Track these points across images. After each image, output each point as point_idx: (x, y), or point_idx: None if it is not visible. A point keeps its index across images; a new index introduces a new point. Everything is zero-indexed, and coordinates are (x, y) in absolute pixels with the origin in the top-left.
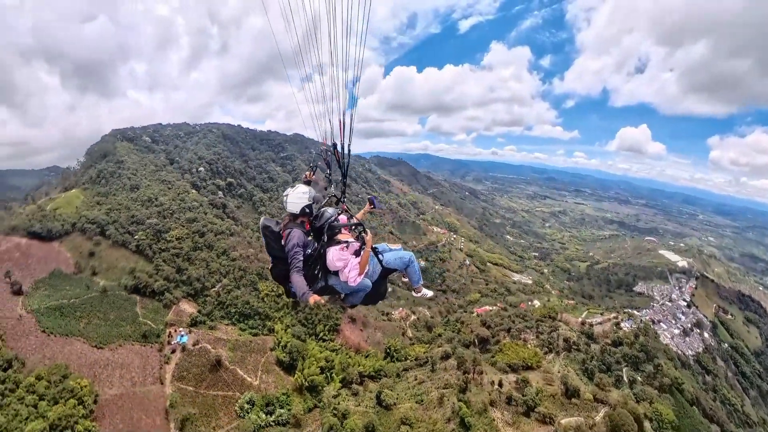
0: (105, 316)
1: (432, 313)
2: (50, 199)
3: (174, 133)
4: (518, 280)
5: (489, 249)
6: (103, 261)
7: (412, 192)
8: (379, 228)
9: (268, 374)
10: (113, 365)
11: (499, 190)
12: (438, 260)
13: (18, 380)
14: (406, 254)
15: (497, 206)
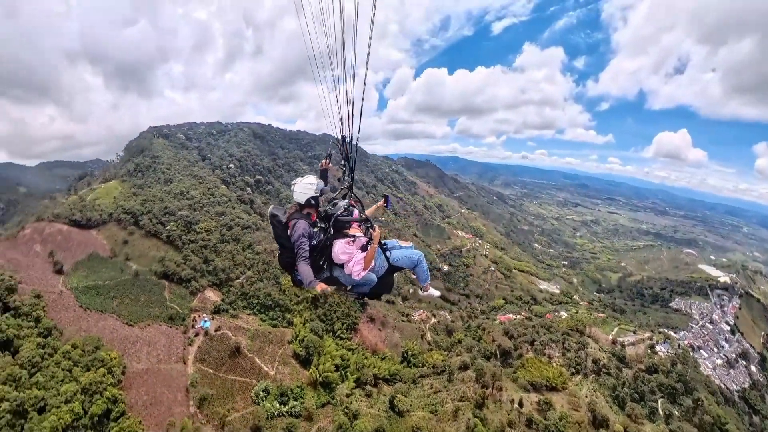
0: (136, 298)
1: (453, 317)
2: (91, 189)
3: (207, 131)
4: (545, 288)
5: (515, 256)
6: (135, 249)
7: (439, 195)
8: (403, 229)
9: (284, 365)
10: (141, 342)
11: (528, 196)
12: (462, 265)
13: (56, 347)
14: (415, 254)
15: (525, 212)
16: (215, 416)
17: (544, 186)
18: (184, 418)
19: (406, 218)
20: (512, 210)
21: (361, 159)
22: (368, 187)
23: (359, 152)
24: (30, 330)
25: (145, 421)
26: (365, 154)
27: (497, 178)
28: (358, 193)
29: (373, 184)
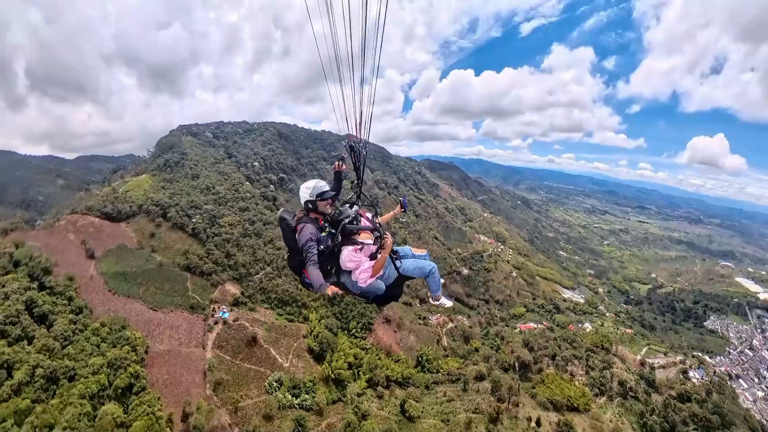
0: (160, 286)
1: (471, 322)
2: (124, 182)
3: (234, 130)
4: (569, 297)
5: (539, 263)
6: (162, 241)
7: (461, 197)
8: (423, 231)
9: (298, 359)
10: (164, 325)
11: (554, 201)
12: (482, 269)
13: (86, 324)
14: (428, 265)
15: (551, 218)
16: (229, 401)
17: (570, 191)
18: (200, 399)
19: (428, 220)
20: (537, 216)
21: (383, 160)
22: (390, 187)
23: (382, 153)
24: (63, 307)
25: (163, 397)
26: (388, 155)
27: (522, 182)
28: (379, 194)
29: (395, 185)
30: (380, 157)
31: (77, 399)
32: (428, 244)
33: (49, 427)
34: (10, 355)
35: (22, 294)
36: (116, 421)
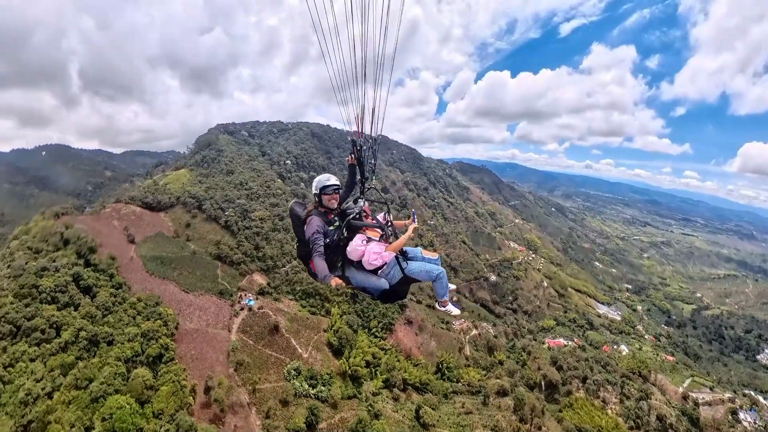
0: (192, 272)
1: (497, 332)
2: (164, 175)
3: (268, 130)
4: (604, 313)
5: (572, 274)
6: (196, 231)
7: (492, 202)
8: (451, 236)
9: (317, 351)
10: (194, 306)
11: (591, 210)
12: (511, 277)
13: (125, 297)
14: (436, 269)
15: (587, 228)
16: (248, 381)
17: (609, 200)
18: (222, 376)
19: (456, 224)
20: (572, 224)
21: (415, 161)
22: (420, 189)
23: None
24: (105, 282)
25: (189, 370)
26: (419, 157)
27: (557, 189)
28: (408, 195)
29: (425, 187)
30: (411, 159)
31: (114, 360)
32: (455, 249)
33: (89, 380)
34: (59, 318)
35: (70, 268)
36: (146, 384)
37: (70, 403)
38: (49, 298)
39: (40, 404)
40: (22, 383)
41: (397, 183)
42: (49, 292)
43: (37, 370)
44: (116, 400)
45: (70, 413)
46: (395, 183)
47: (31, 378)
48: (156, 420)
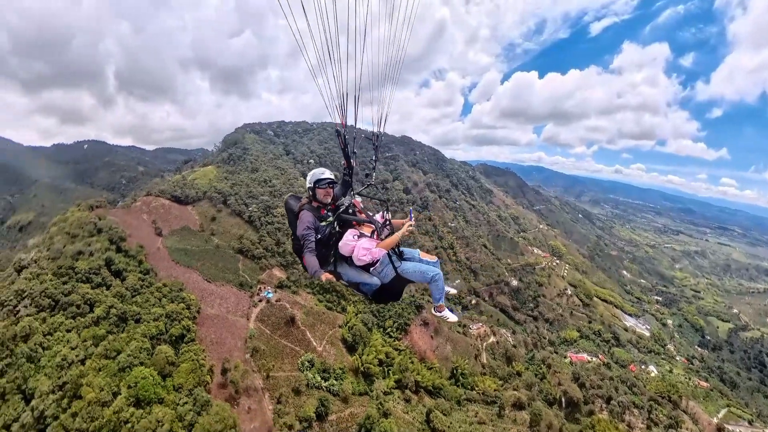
0: (215, 263)
1: (516, 340)
2: (192, 171)
3: (293, 129)
4: (631, 326)
5: (598, 282)
6: (221, 225)
7: (516, 206)
8: (472, 239)
9: (331, 346)
10: (215, 295)
11: (620, 218)
12: (534, 282)
13: (151, 282)
14: (431, 270)
15: (615, 236)
16: (263, 367)
17: (639, 207)
18: (238, 360)
19: (477, 227)
20: (599, 232)
21: (437, 163)
22: (441, 191)
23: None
24: (134, 267)
25: (208, 351)
26: (443, 159)
27: (585, 194)
28: (430, 196)
29: (447, 189)
30: (434, 160)
31: (140, 336)
32: (476, 252)
33: (117, 352)
34: (93, 295)
35: (103, 253)
36: (168, 360)
37: (100, 370)
38: (83, 278)
39: (74, 369)
40: (59, 350)
41: (419, 184)
42: (83, 273)
43: (72, 339)
44: (141, 371)
45: (100, 379)
46: (417, 184)
47: (67, 346)
48: (175, 393)
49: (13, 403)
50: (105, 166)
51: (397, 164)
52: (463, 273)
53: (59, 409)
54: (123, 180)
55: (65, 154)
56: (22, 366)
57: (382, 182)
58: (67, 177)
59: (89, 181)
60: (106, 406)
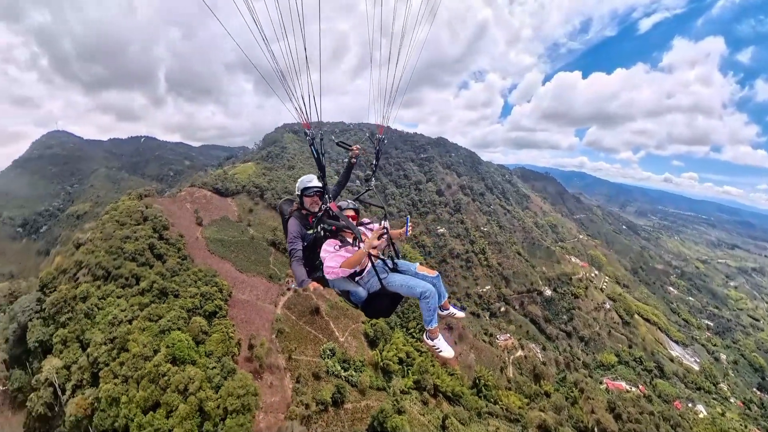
0: (248, 255)
1: (546, 357)
2: (233, 166)
3: (331, 130)
4: (677, 356)
5: (641, 298)
6: (257, 218)
7: (554, 213)
8: (505, 245)
9: (353, 338)
10: (246, 284)
11: (669, 229)
12: (569, 293)
13: (188, 266)
14: (420, 286)
15: (661, 248)
16: (285, 348)
17: (690, 219)
18: (264, 338)
19: (512, 233)
20: (644, 243)
21: (473, 165)
22: (475, 194)
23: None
24: (173, 253)
25: (236, 327)
26: (478, 161)
27: (630, 204)
28: (463, 199)
29: (482, 192)
30: (469, 163)
31: (178, 308)
32: (509, 258)
33: (159, 317)
34: (138, 272)
35: (147, 239)
36: (201, 329)
37: (144, 330)
38: (130, 258)
39: (122, 327)
40: (110, 311)
41: (452, 186)
42: (130, 254)
43: (121, 304)
44: (178, 335)
45: (143, 337)
46: (450, 186)
47: (117, 308)
48: (206, 358)
49: (72, 349)
50: (155, 159)
51: (432, 166)
52: (494, 279)
53: (109, 357)
54: (171, 172)
55: (120, 148)
56: (80, 321)
57: (415, 183)
58: (121, 168)
59: (141, 173)
60: (148, 360)
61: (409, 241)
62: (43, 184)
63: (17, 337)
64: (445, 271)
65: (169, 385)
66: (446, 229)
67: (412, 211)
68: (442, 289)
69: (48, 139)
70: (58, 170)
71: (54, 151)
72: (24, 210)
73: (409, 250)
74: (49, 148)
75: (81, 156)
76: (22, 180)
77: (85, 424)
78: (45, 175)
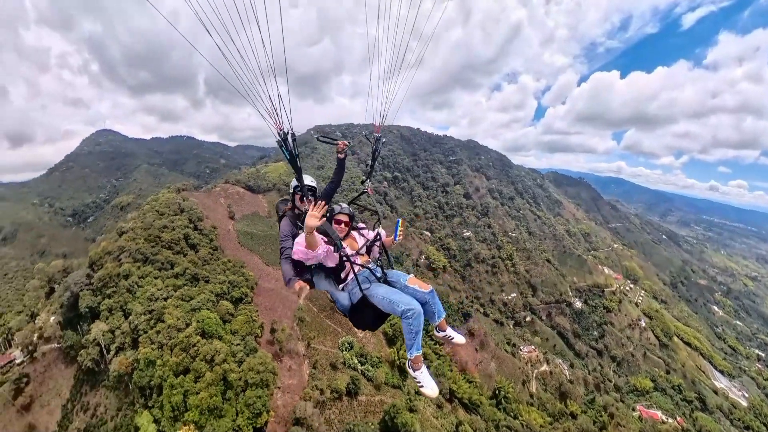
0: (275, 249)
1: (573, 375)
2: (266, 165)
3: (360, 131)
4: (722, 388)
5: (681, 317)
6: None
7: (588, 221)
8: (534, 252)
9: (372, 335)
10: (272, 276)
11: (714, 241)
12: (601, 307)
13: (219, 256)
14: (404, 303)
15: (705, 261)
16: (305, 336)
17: (739, 231)
18: (284, 324)
19: (542, 240)
20: (686, 256)
21: (503, 168)
22: (504, 198)
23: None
24: (206, 243)
25: (260, 313)
26: (509, 164)
27: (671, 213)
28: (491, 203)
29: (511, 197)
30: (500, 166)
31: (208, 291)
32: (537, 266)
33: (190, 297)
34: (173, 258)
35: (183, 229)
36: (228, 311)
37: (177, 306)
38: (167, 246)
39: (159, 302)
40: (149, 288)
41: (480, 189)
42: (167, 242)
43: (158, 284)
44: (207, 314)
45: (177, 312)
46: (479, 189)
47: (154, 287)
48: (231, 336)
49: (116, 317)
50: (193, 157)
51: (460, 168)
52: (521, 286)
53: (148, 326)
54: (207, 170)
55: (161, 146)
56: (123, 294)
57: (442, 185)
58: (162, 165)
59: (179, 169)
60: (180, 331)
61: (433, 243)
62: (92, 178)
63: (70, 304)
64: (469, 276)
65: (198, 354)
66: (472, 233)
67: (438, 213)
68: (438, 307)
69: (96, 137)
70: (105, 165)
71: (102, 148)
72: (74, 201)
73: (434, 252)
74: (97, 145)
75: (126, 153)
76: (73, 173)
77: (125, 380)
78: (94, 169)
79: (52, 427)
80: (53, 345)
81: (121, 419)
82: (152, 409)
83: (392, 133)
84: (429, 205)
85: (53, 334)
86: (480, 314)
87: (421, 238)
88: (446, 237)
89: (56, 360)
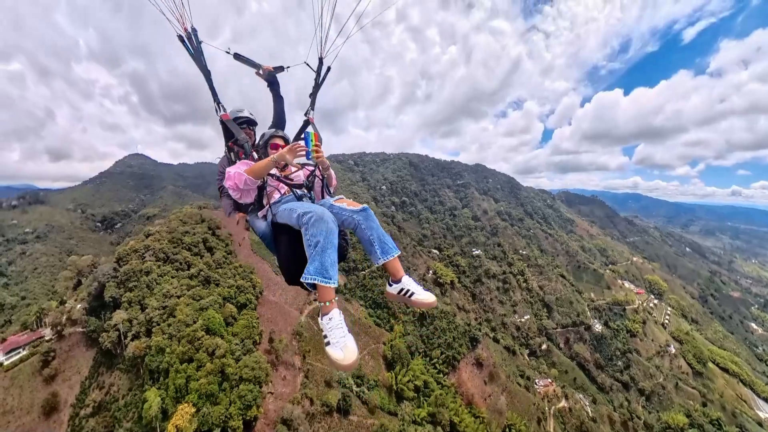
0: None
1: (596, 412)
2: None
3: (372, 159)
4: (767, 420)
5: (715, 338)
6: None
7: (604, 236)
8: (547, 268)
9: (371, 358)
10: (279, 286)
11: (744, 251)
12: (624, 330)
13: (231, 261)
14: (306, 208)
15: (736, 272)
16: (302, 350)
17: None
18: (283, 335)
19: (554, 256)
20: (714, 267)
21: (511, 190)
22: (513, 219)
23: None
24: (222, 247)
25: (261, 322)
26: (517, 186)
27: (694, 223)
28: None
29: (520, 218)
30: (508, 188)
31: (216, 294)
32: (551, 282)
33: (200, 297)
34: (191, 260)
35: (203, 234)
36: (231, 314)
37: (188, 304)
38: (187, 248)
39: (173, 299)
40: (165, 286)
41: (489, 212)
42: (187, 244)
43: (174, 282)
44: (212, 313)
45: (187, 309)
46: (487, 212)
47: (170, 285)
48: (232, 337)
49: (135, 309)
50: (214, 181)
51: (468, 192)
52: (534, 306)
53: (161, 319)
54: None
55: (186, 171)
56: (143, 289)
57: (450, 209)
58: (186, 187)
59: (202, 192)
60: (188, 326)
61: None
62: (123, 192)
63: (96, 293)
64: (479, 294)
65: (202, 347)
66: (482, 251)
67: (446, 234)
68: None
69: (129, 159)
70: (134, 184)
71: (133, 170)
72: (104, 209)
73: (441, 268)
74: (129, 167)
75: (154, 175)
76: (106, 187)
77: (138, 362)
78: (124, 185)
79: (71, 399)
80: (78, 328)
81: (131, 398)
82: (159, 390)
83: (401, 160)
84: (437, 227)
85: (79, 318)
86: (490, 339)
87: (429, 255)
88: (455, 255)
89: (79, 342)
